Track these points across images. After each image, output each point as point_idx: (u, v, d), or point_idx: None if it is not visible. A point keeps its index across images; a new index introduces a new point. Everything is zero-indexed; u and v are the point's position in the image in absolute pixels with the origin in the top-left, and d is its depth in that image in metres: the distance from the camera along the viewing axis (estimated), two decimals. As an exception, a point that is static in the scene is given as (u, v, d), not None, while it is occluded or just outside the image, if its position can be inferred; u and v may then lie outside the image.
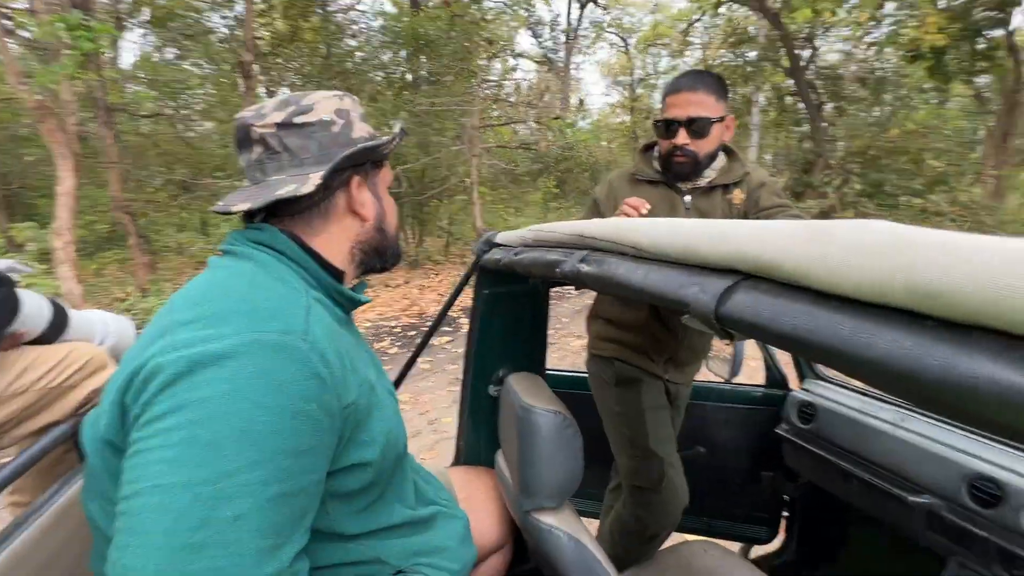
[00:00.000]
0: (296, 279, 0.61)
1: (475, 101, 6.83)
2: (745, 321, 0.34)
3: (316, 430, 0.51)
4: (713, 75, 1.19)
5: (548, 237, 0.71)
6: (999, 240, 0.24)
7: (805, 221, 0.34)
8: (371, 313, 6.55)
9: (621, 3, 18.43)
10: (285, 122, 0.63)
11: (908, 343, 0.25)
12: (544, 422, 0.82)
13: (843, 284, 0.29)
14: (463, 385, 1.14)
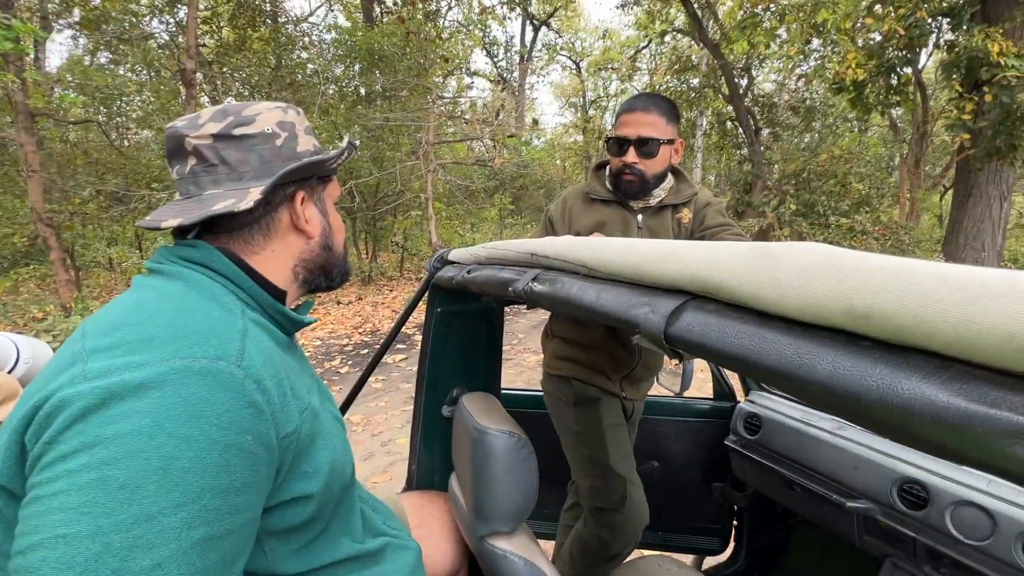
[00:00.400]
0: (232, 300, 0.57)
1: (430, 117, 6.81)
2: (693, 342, 0.34)
3: (250, 464, 0.47)
4: (666, 99, 1.24)
5: (501, 255, 0.70)
6: (925, 264, 0.25)
7: (749, 243, 0.35)
8: (322, 331, 6.31)
9: (573, 28, 19.11)
10: (223, 133, 0.59)
11: (848, 364, 0.25)
12: (498, 444, 0.80)
13: (786, 305, 0.29)
14: (415, 406, 1.10)
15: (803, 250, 0.31)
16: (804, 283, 0.28)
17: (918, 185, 8.46)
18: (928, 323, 0.22)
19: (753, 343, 0.30)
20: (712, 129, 10.46)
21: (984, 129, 5.67)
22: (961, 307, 0.21)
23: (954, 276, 0.23)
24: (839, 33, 5.80)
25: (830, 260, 0.28)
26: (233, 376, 0.48)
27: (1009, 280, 0.21)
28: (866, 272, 0.26)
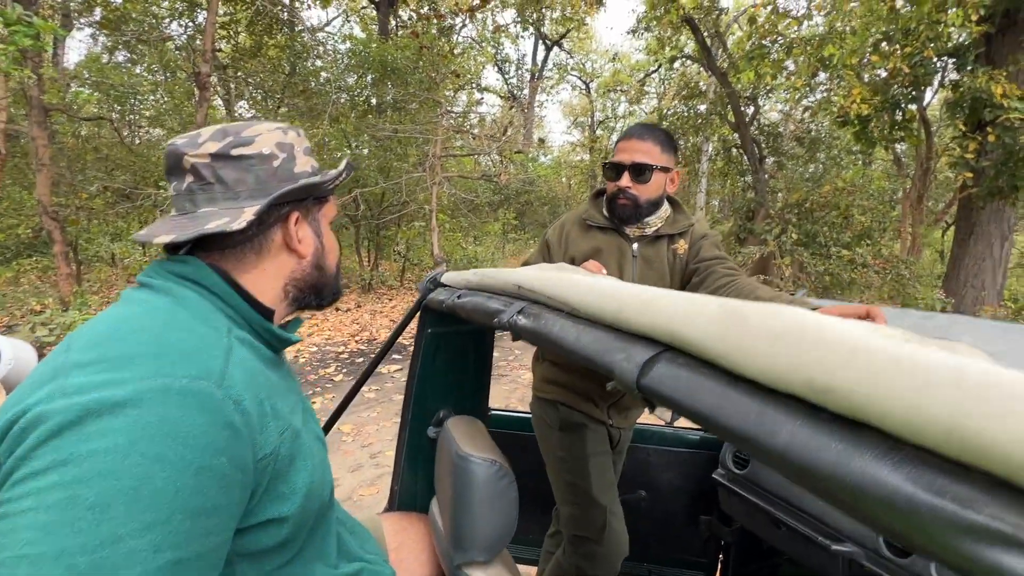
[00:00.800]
0: (220, 317, 0.58)
1: (438, 130, 6.89)
2: (664, 395, 0.35)
3: (224, 486, 0.47)
4: (663, 130, 1.27)
5: (491, 284, 0.71)
6: (884, 342, 0.26)
7: (722, 301, 0.35)
8: (319, 337, 6.31)
9: (584, 49, 19.42)
10: (221, 153, 0.61)
11: (806, 435, 0.26)
12: (480, 471, 0.80)
13: (751, 368, 0.30)
14: (401, 426, 1.10)
15: (772, 315, 0.31)
16: (770, 350, 0.28)
17: (920, 220, 8.50)
18: (881, 404, 0.22)
19: (719, 403, 0.30)
20: (717, 155, 10.56)
21: (987, 169, 5.72)
22: (911, 392, 0.22)
23: (909, 359, 0.23)
24: (845, 68, 5.88)
25: (796, 329, 0.29)
26: (213, 396, 0.48)
27: (958, 369, 0.22)
28: (827, 346, 0.26)
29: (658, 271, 1.24)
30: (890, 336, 0.27)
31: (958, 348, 0.35)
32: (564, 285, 0.53)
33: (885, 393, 0.22)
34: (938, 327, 0.86)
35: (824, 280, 6.73)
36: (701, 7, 7.07)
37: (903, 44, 5.89)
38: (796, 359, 0.27)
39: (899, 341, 0.26)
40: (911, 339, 0.29)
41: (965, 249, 6.54)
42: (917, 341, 0.30)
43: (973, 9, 5.09)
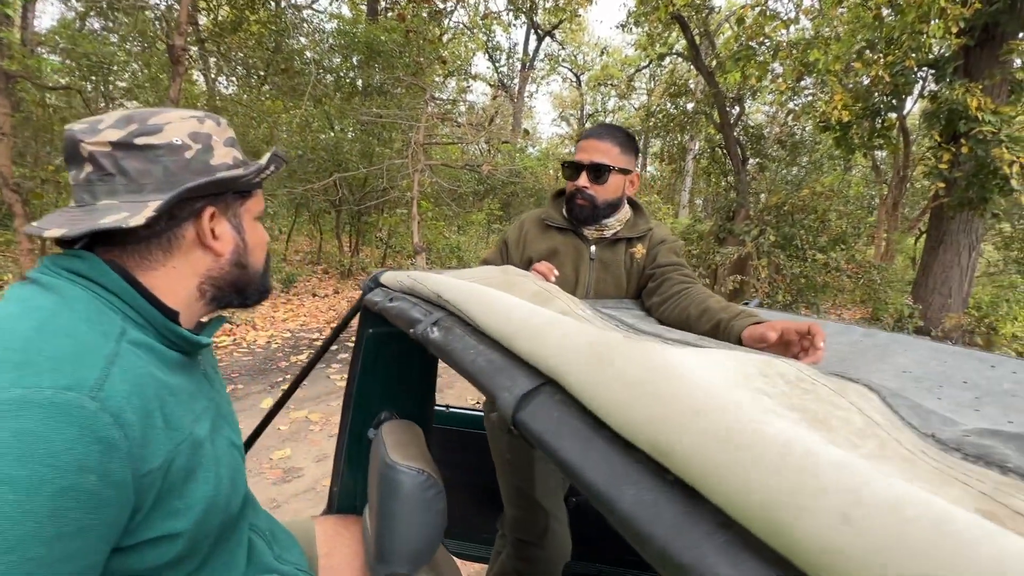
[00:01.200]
0: (113, 319, 0.54)
1: (423, 117, 6.78)
2: (534, 434, 0.33)
3: (90, 507, 0.44)
4: (624, 131, 1.25)
5: (419, 289, 0.68)
6: (723, 403, 0.24)
7: (593, 338, 0.33)
8: (293, 323, 6.22)
9: (576, 41, 19.27)
10: (123, 142, 0.56)
11: (647, 500, 0.24)
12: (406, 481, 0.78)
13: (612, 417, 0.28)
14: (341, 426, 1.07)
15: (634, 359, 0.29)
16: (627, 399, 0.27)
17: (895, 227, 8.69)
18: (714, 476, 0.21)
19: (582, 452, 0.29)
20: (702, 155, 10.62)
21: (958, 180, 5.86)
22: (740, 469, 0.20)
23: (744, 432, 0.22)
24: (828, 74, 5.94)
25: (650, 379, 0.27)
26: (83, 409, 0.45)
27: (784, 449, 0.20)
28: (673, 403, 0.24)
29: (615, 275, 1.23)
30: (751, 391, 0.26)
31: (848, 391, 0.34)
32: (474, 299, 0.51)
33: (718, 465, 0.21)
34: (877, 345, 0.87)
35: (799, 283, 6.85)
36: (691, 5, 7.06)
37: (886, 53, 5.97)
38: (646, 413, 0.25)
39: (754, 399, 0.24)
40: (781, 392, 0.28)
41: (934, 257, 6.71)
42: (789, 390, 0.29)
43: (954, 22, 5.17)
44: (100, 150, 0.56)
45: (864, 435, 0.26)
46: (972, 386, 0.61)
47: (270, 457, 2.99)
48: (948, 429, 0.31)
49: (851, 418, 0.27)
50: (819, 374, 0.33)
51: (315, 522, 0.94)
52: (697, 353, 0.31)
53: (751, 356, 0.33)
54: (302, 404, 3.81)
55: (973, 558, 0.15)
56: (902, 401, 0.34)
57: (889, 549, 0.16)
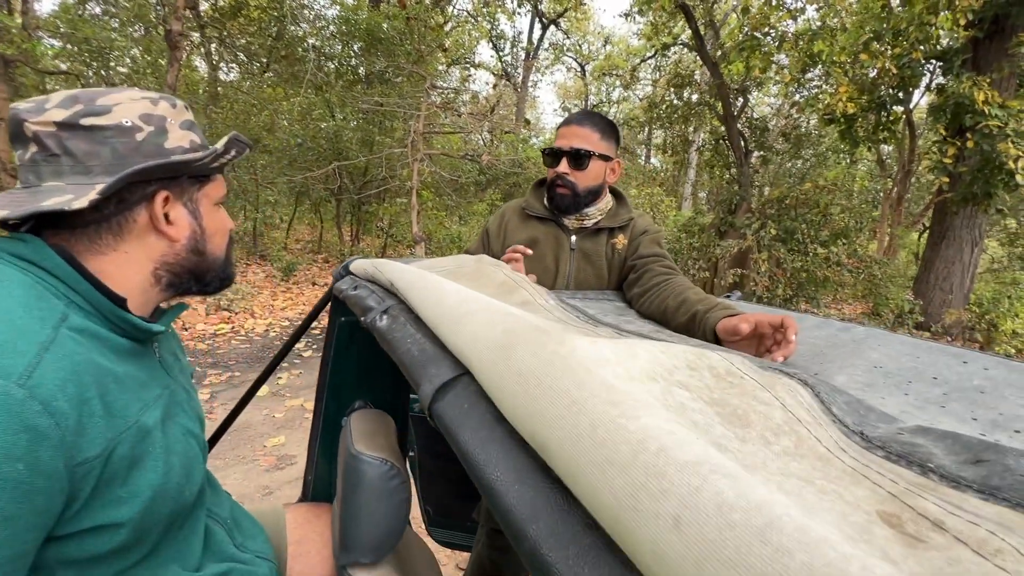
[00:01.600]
0: (55, 304, 0.53)
1: (423, 106, 6.73)
2: (445, 427, 0.32)
3: (18, 496, 0.43)
4: (605, 117, 1.23)
5: (378, 277, 0.67)
6: (595, 397, 0.23)
7: (506, 327, 0.33)
8: (292, 312, 6.23)
9: (581, 30, 19.05)
10: (67, 122, 0.55)
11: (527, 498, 0.23)
12: (369, 471, 0.78)
13: (506, 409, 0.27)
14: (315, 414, 1.07)
15: (533, 349, 0.28)
16: (519, 390, 0.26)
17: (899, 222, 8.62)
18: (579, 474, 0.20)
19: (479, 446, 0.28)
20: (706, 147, 10.53)
21: (963, 174, 5.79)
22: (596, 467, 0.19)
23: (604, 429, 0.21)
24: (833, 65, 5.85)
25: (542, 370, 0.26)
26: (9, 396, 0.44)
27: (638, 443, 0.19)
28: (553, 397, 0.24)
29: (595, 266, 1.21)
30: (666, 384, 0.25)
31: (777, 385, 0.33)
32: (417, 286, 0.50)
33: (580, 464, 0.20)
34: (853, 340, 0.86)
35: (799, 277, 6.81)
36: (696, -6, 6.95)
37: (893, 44, 5.87)
38: (532, 405, 0.24)
39: (665, 392, 0.24)
40: (704, 386, 0.27)
41: (937, 252, 6.66)
42: (714, 383, 0.28)
43: (962, 13, 5.08)
44: (44, 130, 0.54)
45: (780, 432, 0.25)
46: (942, 382, 0.60)
47: (264, 444, 3.01)
48: (883, 427, 0.30)
49: (772, 414, 0.26)
50: (753, 368, 0.32)
51: (287, 510, 0.94)
52: (618, 344, 0.30)
53: (685, 349, 0.32)
54: (298, 392, 3.83)
55: (786, 567, 0.15)
56: (841, 397, 0.33)
57: (709, 558, 0.16)
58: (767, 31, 6.25)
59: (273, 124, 8.05)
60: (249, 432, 3.13)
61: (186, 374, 0.73)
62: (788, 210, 7.05)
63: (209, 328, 5.15)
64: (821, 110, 6.77)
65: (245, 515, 0.79)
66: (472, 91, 11.44)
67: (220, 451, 2.86)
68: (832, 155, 10.38)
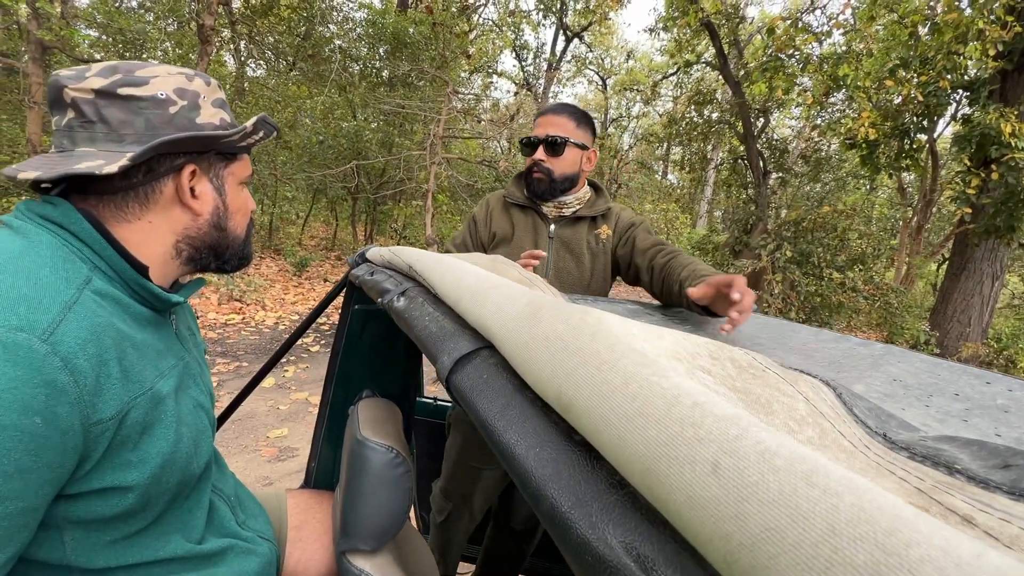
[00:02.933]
0: (80, 267, 0.53)
1: (444, 110, 6.81)
2: (465, 395, 0.32)
3: (33, 449, 0.44)
4: (579, 108, 1.27)
5: (396, 262, 0.68)
6: (628, 361, 0.22)
7: (530, 298, 0.33)
8: (302, 306, 6.28)
9: (605, 44, 19.17)
10: (106, 90, 0.56)
11: (549, 456, 0.23)
12: (374, 457, 0.77)
13: (529, 375, 0.27)
14: (322, 402, 1.07)
15: (561, 317, 0.28)
16: (544, 356, 0.26)
17: (917, 251, 8.49)
18: (606, 429, 0.20)
19: (497, 411, 0.28)
20: (723, 165, 10.49)
21: (986, 206, 5.70)
22: (626, 420, 0.19)
23: (637, 384, 0.20)
24: (857, 90, 5.81)
25: (569, 334, 0.26)
26: (32, 351, 0.44)
27: (672, 397, 0.19)
28: (581, 358, 0.23)
29: (575, 253, 1.23)
30: (688, 366, 0.24)
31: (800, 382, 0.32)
32: (437, 267, 0.50)
33: (608, 419, 0.20)
34: (871, 355, 0.84)
35: (813, 300, 6.73)
36: (722, 12, 6.96)
37: (919, 72, 5.82)
38: (557, 367, 0.24)
39: (689, 372, 0.23)
40: (727, 375, 0.26)
41: (956, 284, 6.54)
42: (736, 373, 0.27)
43: (992, 44, 5.03)
44: (83, 96, 0.56)
45: (804, 422, 0.25)
46: (964, 399, 0.59)
47: (267, 435, 3.02)
48: (904, 433, 0.29)
49: (795, 405, 0.26)
50: (775, 364, 0.31)
51: (288, 494, 0.94)
52: (639, 324, 0.29)
53: (707, 340, 0.32)
54: (303, 385, 3.85)
55: (835, 507, 0.14)
56: (862, 402, 0.32)
57: (750, 498, 0.15)
58: (792, 53, 6.24)
59: (295, 121, 8.19)
60: (253, 422, 3.15)
61: (200, 349, 0.74)
62: (805, 233, 6.98)
63: (220, 317, 5.21)
64: (843, 134, 6.72)
65: (248, 495, 0.79)
66: (493, 98, 11.56)
67: (223, 439, 2.87)
68: (852, 180, 10.28)
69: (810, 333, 0.92)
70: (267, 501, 0.88)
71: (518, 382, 0.29)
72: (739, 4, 8.75)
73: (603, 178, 20.16)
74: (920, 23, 5.75)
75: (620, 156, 19.48)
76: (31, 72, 4.82)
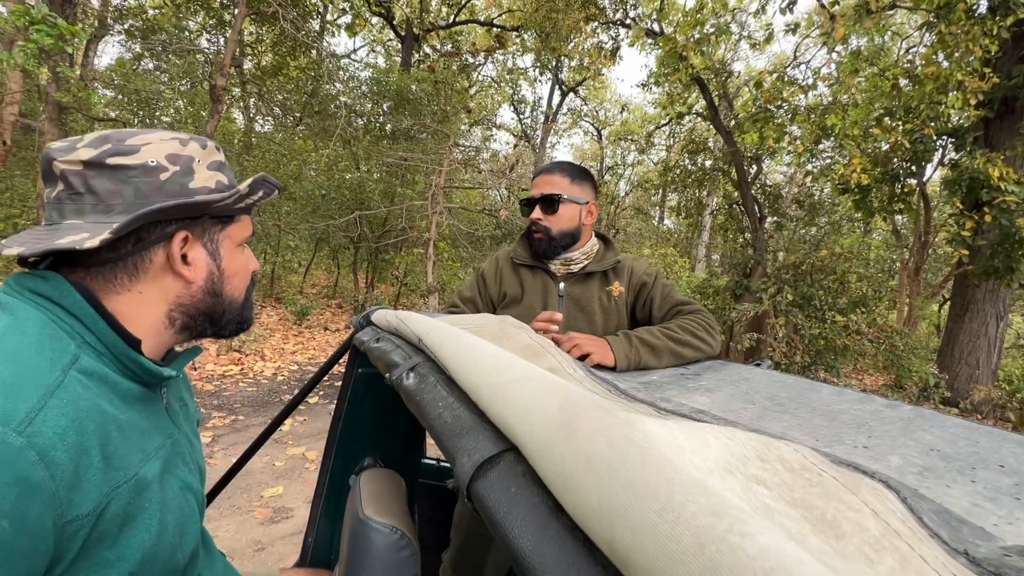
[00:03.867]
0: (68, 345, 0.51)
1: (445, 162, 7.00)
2: (487, 509, 0.28)
3: (0, 558, 0.40)
4: (575, 164, 1.28)
5: (404, 331, 0.65)
6: (713, 508, 0.19)
7: (563, 400, 0.30)
8: (302, 356, 6.20)
9: (599, 98, 20.01)
10: (94, 161, 0.54)
11: None
12: (377, 539, 0.72)
13: (567, 501, 0.23)
14: (321, 471, 1.01)
15: (602, 431, 0.25)
16: (585, 481, 0.22)
17: (917, 292, 8.49)
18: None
19: (531, 539, 0.24)
20: (719, 210, 10.69)
21: (983, 248, 5.74)
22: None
23: (716, 549, 0.17)
24: (846, 138, 6.00)
25: (614, 457, 0.23)
26: (5, 445, 0.41)
27: (766, 573, 0.15)
28: (634, 495, 0.20)
29: (587, 312, 1.20)
30: (744, 478, 0.21)
31: (861, 487, 0.29)
32: (449, 345, 0.47)
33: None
34: (901, 418, 0.81)
35: (818, 344, 6.65)
36: (711, 68, 7.30)
37: (904, 120, 6.02)
38: (603, 502, 0.21)
39: (746, 488, 0.20)
40: (781, 483, 0.23)
41: (960, 325, 6.49)
42: (791, 480, 0.24)
43: (972, 94, 5.23)
44: (71, 168, 0.54)
45: (880, 547, 0.21)
46: (1010, 471, 0.55)
47: (261, 494, 2.89)
48: (984, 545, 0.26)
49: (865, 523, 0.23)
50: (828, 463, 0.28)
51: (282, 574, 0.87)
52: (686, 428, 0.26)
53: (751, 436, 0.29)
54: (300, 440, 3.73)
55: None
56: (926, 505, 0.29)
57: None
58: (780, 104, 6.48)
59: (300, 173, 8.40)
60: (247, 480, 3.02)
61: (192, 421, 0.70)
62: (804, 276, 7.00)
63: (219, 369, 5.13)
64: (835, 179, 6.88)
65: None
66: (492, 150, 11.93)
67: (215, 500, 2.75)
68: (847, 223, 10.43)
69: (832, 392, 0.89)
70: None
71: (553, 503, 0.26)
72: (726, 60, 9.20)
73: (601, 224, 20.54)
74: (901, 75, 6.00)
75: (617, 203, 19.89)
76: (47, 131, 4.99)
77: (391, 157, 7.60)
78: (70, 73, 4.11)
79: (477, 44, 10.47)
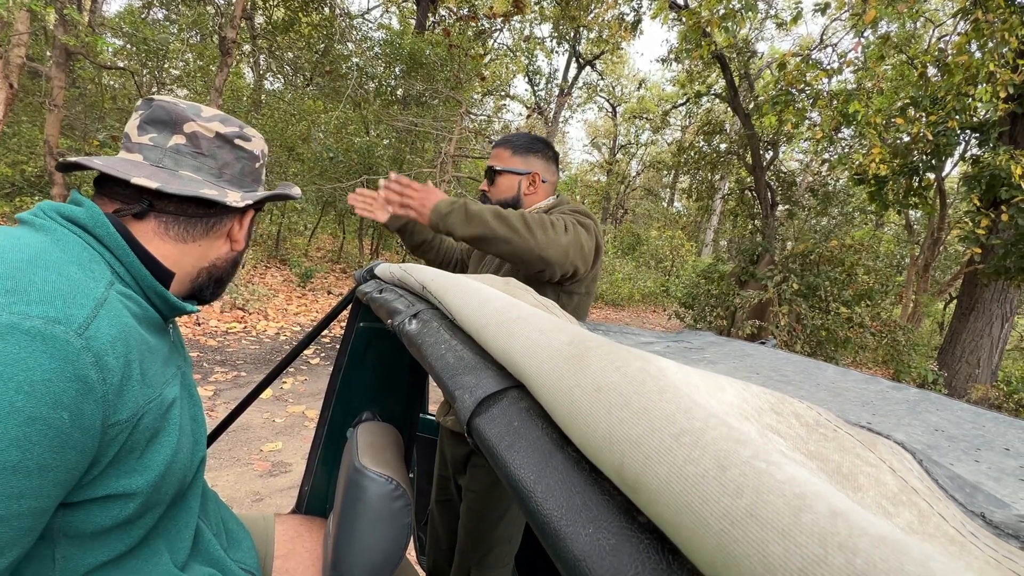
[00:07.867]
0: (102, 269, 0.53)
1: (456, 130, 6.88)
2: (488, 443, 0.28)
3: (57, 446, 0.42)
4: (523, 136, 1.31)
5: (408, 280, 0.64)
6: (714, 434, 0.18)
7: (573, 334, 0.28)
8: (304, 318, 6.25)
9: (616, 73, 19.52)
10: (227, 136, 0.65)
11: (607, 548, 0.19)
12: (372, 488, 0.73)
13: (574, 431, 0.23)
14: (319, 422, 1.02)
15: (613, 362, 0.24)
16: (593, 409, 0.22)
17: (924, 289, 8.43)
18: (698, 527, 0.15)
19: (533, 470, 0.23)
20: (731, 195, 10.54)
21: (996, 247, 5.66)
22: (733, 523, 0.14)
23: (739, 472, 0.16)
24: (867, 127, 5.85)
25: (625, 385, 0.22)
26: (68, 344, 0.43)
27: (796, 497, 0.14)
28: (646, 421, 0.19)
29: None
30: (759, 426, 0.20)
31: (877, 445, 0.28)
32: (453, 289, 0.46)
33: (701, 515, 0.15)
34: (906, 400, 0.80)
35: (820, 334, 6.65)
36: (734, 46, 7.07)
37: (929, 112, 5.86)
38: (610, 434, 0.20)
39: (762, 434, 0.19)
40: (796, 435, 0.22)
41: (964, 324, 6.46)
42: (806, 434, 0.23)
43: (1002, 87, 5.06)
44: (206, 133, 0.64)
45: (898, 502, 0.21)
46: (1015, 454, 0.55)
47: (260, 448, 2.95)
48: (999, 511, 0.25)
49: (883, 478, 0.22)
50: (842, 422, 0.27)
51: (277, 520, 0.89)
52: (700, 372, 0.26)
53: (764, 390, 0.28)
54: (301, 399, 3.79)
55: None
56: (940, 469, 0.28)
57: None
58: (802, 88, 6.30)
59: (309, 135, 8.30)
60: (247, 434, 3.08)
61: (188, 363, 0.72)
62: (812, 266, 6.95)
63: (222, 325, 5.18)
64: (852, 169, 6.74)
65: (233, 518, 0.75)
66: (504, 120, 11.72)
67: (216, 451, 2.81)
68: (859, 215, 10.29)
69: (837, 372, 0.88)
70: (254, 525, 0.84)
71: (558, 436, 0.25)
72: (750, 39, 8.91)
73: (610, 203, 20.35)
74: (930, 63, 5.81)
75: (628, 182, 19.59)
76: (54, 76, 4.91)
77: (402, 122, 7.48)
78: (78, 17, 4.00)
79: (495, 8, 10.15)
